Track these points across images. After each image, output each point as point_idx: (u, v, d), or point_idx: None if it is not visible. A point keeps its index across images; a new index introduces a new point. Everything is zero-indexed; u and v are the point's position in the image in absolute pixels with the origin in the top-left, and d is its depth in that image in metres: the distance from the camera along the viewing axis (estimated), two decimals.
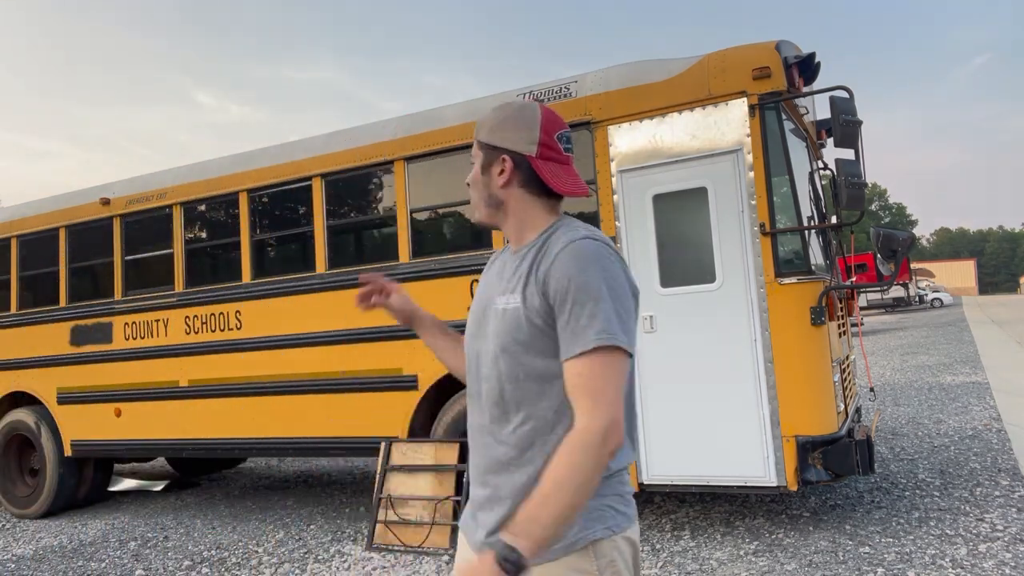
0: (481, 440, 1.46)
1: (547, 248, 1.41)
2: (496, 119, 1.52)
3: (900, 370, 12.13)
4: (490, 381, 1.43)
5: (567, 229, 1.42)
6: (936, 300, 45.62)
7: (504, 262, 1.53)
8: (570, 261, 1.34)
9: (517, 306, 1.39)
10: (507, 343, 1.39)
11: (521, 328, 1.37)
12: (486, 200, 1.52)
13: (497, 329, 1.42)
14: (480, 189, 1.53)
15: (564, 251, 1.35)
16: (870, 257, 18.71)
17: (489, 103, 5.11)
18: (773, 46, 4.32)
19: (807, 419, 4.12)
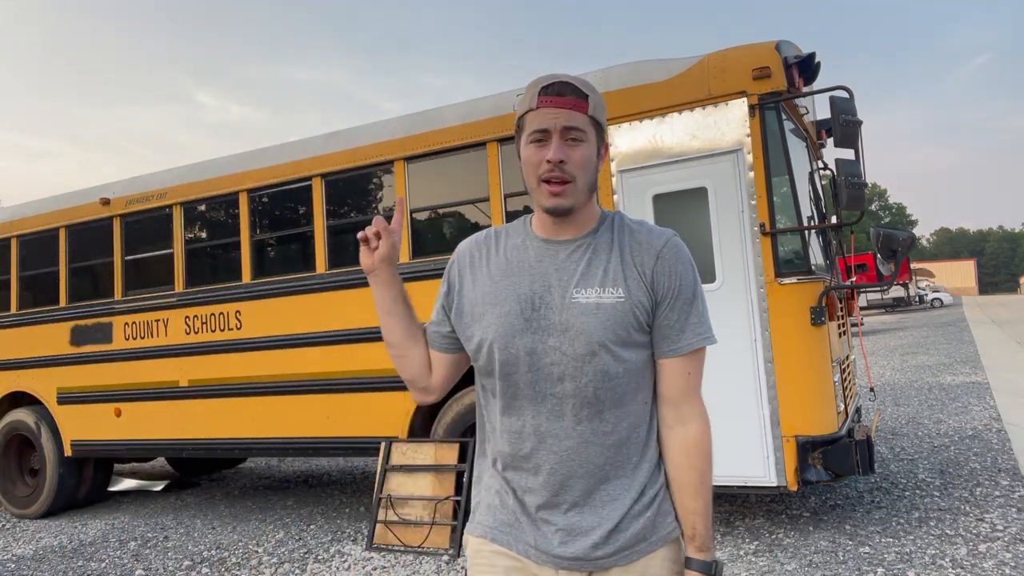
0: (559, 445, 1.34)
1: (634, 240, 1.38)
2: (597, 96, 1.39)
3: (900, 370, 12.13)
4: (577, 380, 1.32)
5: (634, 220, 1.44)
6: (936, 300, 45.62)
7: (550, 249, 1.39)
8: (676, 258, 1.38)
9: (620, 300, 1.33)
10: (607, 338, 1.32)
11: (624, 323, 1.33)
12: (591, 185, 1.38)
13: (590, 324, 1.31)
14: (590, 173, 1.36)
15: (668, 248, 1.38)
16: (870, 257, 18.71)
17: (489, 103, 5.11)
18: (773, 46, 4.32)
19: (807, 419, 4.12)
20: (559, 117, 1.31)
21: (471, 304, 1.42)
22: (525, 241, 1.43)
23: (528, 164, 1.35)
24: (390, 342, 1.50)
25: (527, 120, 1.37)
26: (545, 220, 1.40)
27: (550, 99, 1.33)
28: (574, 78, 1.36)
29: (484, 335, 1.37)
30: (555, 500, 1.35)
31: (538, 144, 1.33)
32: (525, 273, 1.38)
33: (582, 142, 1.33)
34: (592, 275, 1.35)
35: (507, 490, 1.41)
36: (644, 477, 1.38)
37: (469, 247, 1.48)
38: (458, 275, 1.47)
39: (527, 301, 1.35)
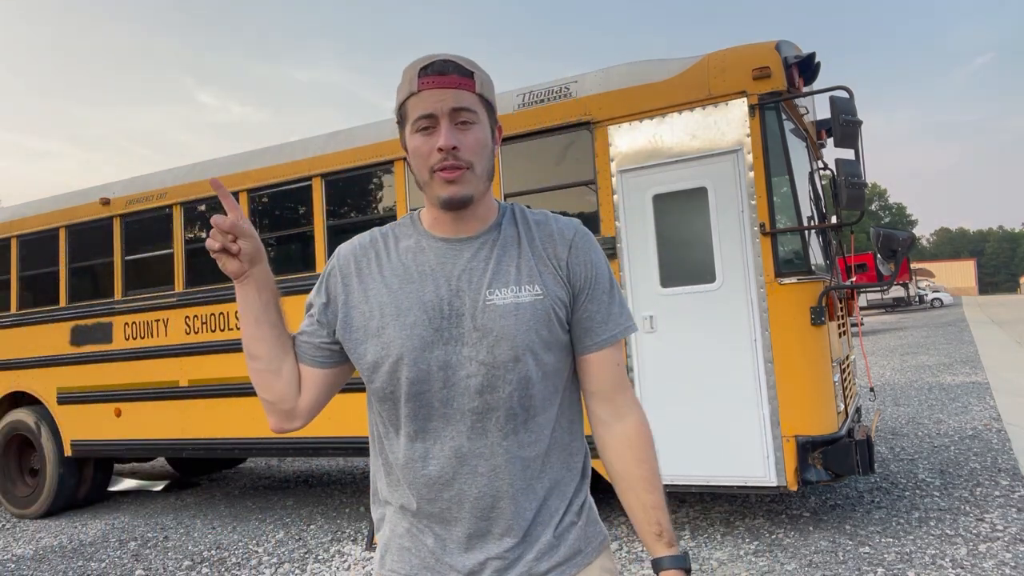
0: (485, 465, 1.21)
1: (542, 232, 1.28)
2: (483, 72, 1.25)
3: (900, 370, 12.13)
4: (499, 390, 1.20)
5: (532, 210, 1.34)
6: (936, 300, 45.63)
7: (452, 250, 1.25)
8: (589, 247, 1.30)
9: (539, 297, 1.22)
10: (531, 341, 1.21)
11: (546, 322, 1.22)
12: (488, 173, 1.25)
13: (511, 327, 1.20)
14: (486, 158, 1.23)
15: (580, 237, 1.30)
16: (870, 257, 18.70)
17: None
18: (773, 46, 4.32)
19: (807, 419, 4.12)
20: (445, 99, 1.17)
21: (363, 317, 1.24)
22: (420, 242, 1.27)
23: (417, 156, 1.20)
24: (256, 354, 1.29)
25: (409, 107, 1.21)
26: (441, 217, 1.26)
27: (432, 79, 1.18)
28: (455, 55, 1.22)
29: (385, 352, 1.21)
30: (485, 528, 1.22)
31: (425, 132, 1.19)
32: (428, 278, 1.23)
33: (474, 124, 1.20)
34: (504, 273, 1.23)
35: (421, 528, 1.26)
36: (572, 486, 1.30)
37: (353, 253, 1.30)
38: (342, 285, 1.28)
39: (435, 309, 1.21)
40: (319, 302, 1.30)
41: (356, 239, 1.33)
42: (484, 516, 1.22)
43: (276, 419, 1.33)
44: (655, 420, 4.73)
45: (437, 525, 1.24)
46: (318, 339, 1.30)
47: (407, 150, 1.23)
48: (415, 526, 1.27)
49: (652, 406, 4.48)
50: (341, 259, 1.31)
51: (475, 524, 1.22)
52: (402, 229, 1.31)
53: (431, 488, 1.23)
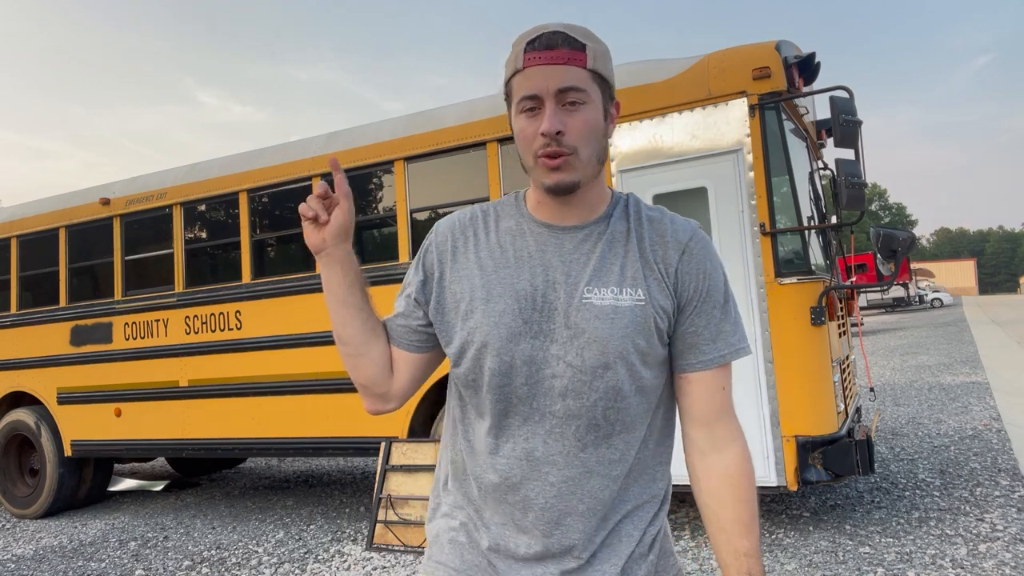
0: (557, 475, 1.12)
1: (654, 231, 1.17)
2: (599, 43, 1.12)
3: (900, 370, 12.13)
4: (584, 397, 1.10)
5: (650, 206, 1.23)
6: (936, 300, 45.64)
7: (554, 237, 1.15)
8: (705, 255, 1.17)
9: (641, 304, 1.11)
10: (626, 349, 1.09)
11: (644, 331, 1.11)
12: (599, 157, 1.13)
13: (605, 330, 1.09)
14: (596, 141, 1.11)
15: (696, 242, 1.18)
16: (870, 257, 18.70)
17: (489, 103, 5.11)
18: (773, 46, 4.32)
19: (807, 419, 4.12)
20: (551, 77, 1.06)
21: (455, 298, 1.17)
22: (521, 225, 1.18)
23: (521, 139, 1.11)
24: (345, 339, 1.22)
25: (514, 85, 1.10)
26: (545, 200, 1.16)
27: (538, 55, 1.07)
28: (567, 26, 1.10)
29: (471, 337, 1.13)
30: (546, 543, 1.13)
31: (530, 114, 1.09)
32: (524, 264, 1.14)
33: (583, 104, 1.08)
34: (607, 272, 1.12)
35: (479, 526, 1.18)
36: (650, 514, 1.18)
37: (451, 229, 1.22)
38: (437, 262, 1.20)
39: (527, 299, 1.11)
40: (416, 280, 1.22)
41: (456, 214, 1.24)
42: (548, 531, 1.12)
43: (370, 401, 1.27)
44: None
45: (496, 528, 1.16)
46: (415, 321, 1.22)
47: (513, 131, 1.13)
48: (473, 522, 1.19)
49: None
50: (439, 235, 1.22)
51: (537, 537, 1.13)
52: (505, 208, 1.22)
53: (497, 488, 1.14)
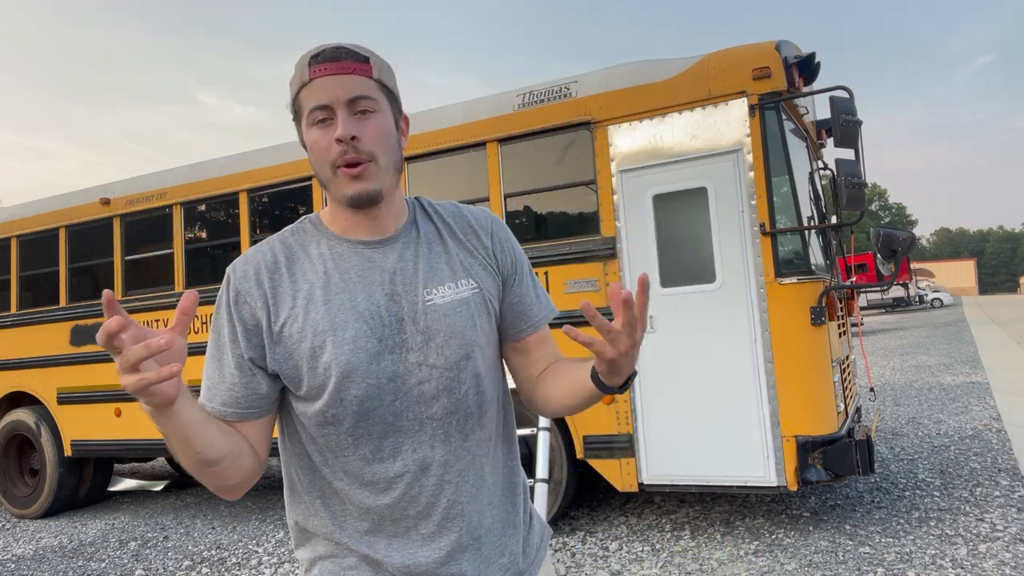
0: (451, 471, 1.15)
1: (457, 221, 1.24)
2: (380, 58, 1.16)
3: (900, 370, 12.13)
4: (455, 391, 1.14)
5: (437, 201, 1.28)
6: (936, 300, 45.64)
7: (374, 254, 1.16)
8: (506, 232, 1.27)
9: (476, 290, 1.18)
10: (477, 336, 1.16)
11: (486, 315, 1.19)
12: (396, 165, 1.16)
13: (457, 324, 1.14)
14: (392, 149, 1.14)
15: (496, 223, 1.27)
16: (870, 257, 18.70)
17: (489, 103, 5.11)
18: (773, 46, 4.32)
19: (807, 419, 4.12)
20: (340, 87, 1.08)
21: (292, 341, 1.10)
22: (335, 248, 1.16)
23: (316, 151, 1.10)
24: (215, 460, 1.04)
25: (302, 99, 1.11)
26: (352, 218, 1.16)
27: (324, 67, 1.09)
28: (349, 43, 1.14)
29: (326, 374, 1.09)
30: (457, 539, 1.15)
31: (322, 125, 1.10)
32: (357, 285, 1.13)
33: (374, 112, 1.11)
34: (437, 271, 1.17)
35: (381, 558, 1.14)
36: (521, 482, 1.28)
37: (255, 272, 1.14)
38: (253, 311, 1.12)
39: (374, 317, 1.11)
40: (234, 335, 1.11)
41: (250, 254, 1.17)
42: (455, 526, 1.15)
43: (238, 491, 1.13)
44: (655, 420, 4.71)
45: (401, 551, 1.14)
46: (260, 385, 1.12)
47: (306, 147, 1.14)
48: (371, 558, 1.15)
49: (652, 406, 4.48)
50: (240, 283, 1.14)
51: (445, 537, 1.15)
52: (304, 237, 1.19)
53: (395, 508, 1.13)
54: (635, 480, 4.48)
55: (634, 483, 4.49)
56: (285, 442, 1.21)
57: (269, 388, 1.13)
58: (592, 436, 4.61)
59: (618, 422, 4.54)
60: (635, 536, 4.59)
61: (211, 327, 1.16)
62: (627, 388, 1.10)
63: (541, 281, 5.23)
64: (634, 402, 4.51)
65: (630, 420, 4.50)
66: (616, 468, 4.54)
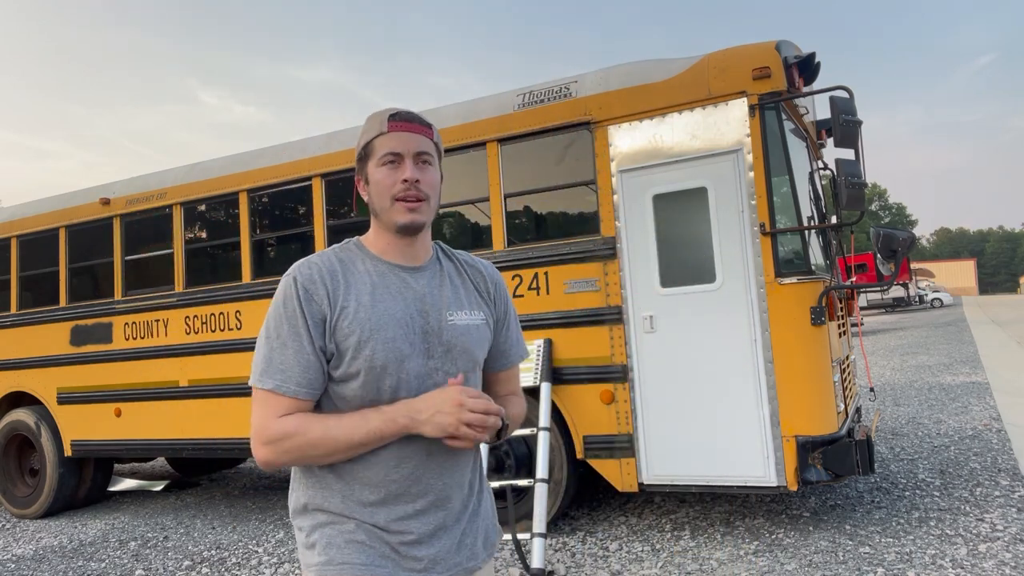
0: (437, 462, 1.40)
1: (469, 266, 1.54)
2: (435, 128, 1.48)
3: (900, 370, 12.13)
4: None
5: (452, 249, 1.58)
6: (936, 300, 45.64)
7: (412, 276, 1.43)
8: (502, 284, 1.59)
9: (484, 322, 1.49)
10: (478, 356, 1.47)
11: (487, 341, 1.50)
12: (437, 207, 1.47)
13: (469, 343, 1.43)
14: (437, 196, 1.45)
15: (496, 274, 1.58)
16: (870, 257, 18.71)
17: (490, 103, 5.11)
18: (773, 46, 4.32)
19: (807, 419, 4.12)
20: (411, 142, 1.39)
21: (343, 334, 1.34)
22: (380, 267, 1.42)
23: (381, 185, 1.39)
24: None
25: (376, 144, 1.40)
26: (394, 243, 1.43)
27: (401, 124, 1.40)
28: (415, 111, 1.46)
29: (369, 364, 1.33)
30: (443, 517, 1.40)
31: (391, 166, 1.39)
32: (397, 298, 1.39)
33: (431, 165, 1.42)
34: (458, 299, 1.46)
35: (376, 528, 1.37)
36: (479, 466, 1.54)
37: (319, 272, 1.37)
38: (318, 307, 1.34)
39: (408, 326, 1.37)
40: (310, 326, 1.34)
41: (311, 262, 1.39)
42: (442, 505, 1.41)
43: None
44: (655, 420, 4.72)
45: (396, 524, 1.37)
46: (325, 368, 1.37)
47: (368, 181, 1.42)
48: (367, 525, 1.36)
49: (652, 406, 4.48)
50: (311, 281, 1.36)
51: (434, 515, 1.40)
52: (350, 254, 1.43)
53: (400, 484, 1.37)
54: (635, 480, 4.48)
55: (634, 483, 4.49)
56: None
57: (327, 373, 1.37)
58: (592, 436, 4.61)
59: (618, 422, 4.54)
60: (635, 536, 4.59)
61: (276, 318, 1.35)
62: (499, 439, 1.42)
63: (541, 281, 5.22)
64: (634, 402, 4.51)
65: (630, 420, 4.50)
66: (616, 468, 4.54)
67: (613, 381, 4.55)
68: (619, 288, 4.58)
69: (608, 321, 4.58)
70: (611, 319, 4.58)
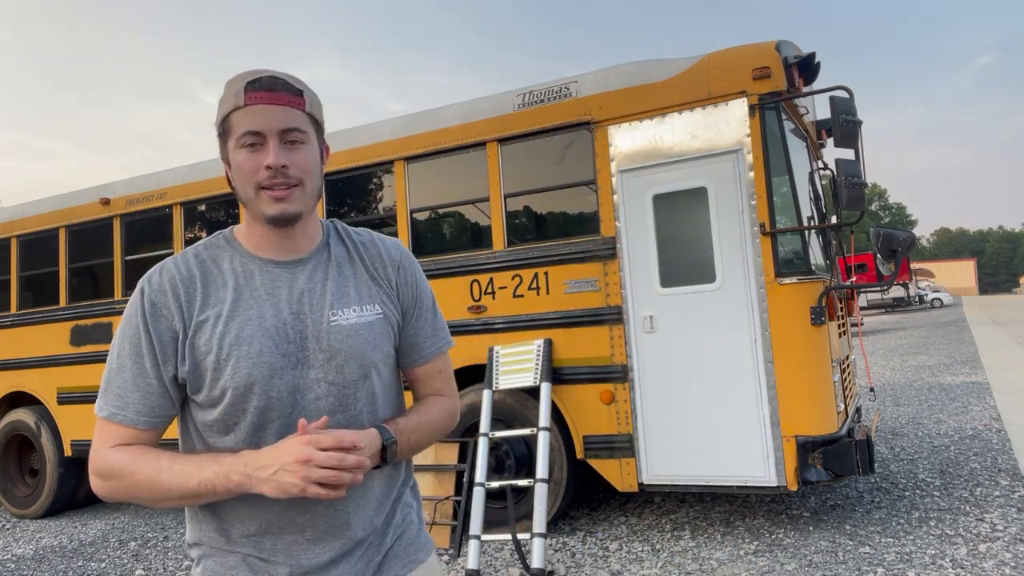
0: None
1: (368, 252, 1.31)
2: (312, 92, 1.23)
3: (900, 370, 12.13)
4: (350, 408, 1.22)
5: (352, 228, 1.36)
6: (936, 300, 45.61)
7: (285, 273, 1.22)
8: (413, 267, 1.36)
9: (380, 316, 1.26)
10: (376, 358, 1.24)
11: (386, 338, 1.27)
12: (317, 192, 1.23)
13: (359, 345, 1.21)
14: (316, 178, 1.21)
15: (405, 258, 1.35)
16: (870, 257, 18.69)
17: (490, 103, 5.11)
18: (773, 46, 4.32)
19: (807, 419, 4.12)
20: (273, 116, 1.15)
21: (200, 352, 1.16)
22: (247, 265, 1.22)
23: (241, 172, 1.16)
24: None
25: (233, 121, 1.16)
26: (268, 235, 1.22)
27: (260, 95, 1.15)
28: (283, 73, 1.20)
29: (231, 383, 1.14)
30: (341, 545, 1.22)
31: (251, 149, 1.15)
32: (265, 303, 1.19)
33: (303, 143, 1.18)
34: (344, 294, 1.24)
35: (252, 561, 1.20)
36: (399, 489, 1.34)
37: (170, 284, 1.18)
38: (167, 324, 1.16)
39: (279, 334, 1.17)
40: (155, 348, 1.16)
41: (167, 265, 1.21)
42: (340, 532, 1.21)
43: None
44: (655, 420, 4.70)
45: (285, 551, 1.20)
46: (175, 395, 1.19)
47: (229, 164, 1.20)
48: (252, 558, 1.20)
49: (652, 406, 4.48)
50: (160, 294, 1.18)
51: (330, 543, 1.21)
52: (217, 252, 1.23)
53: (283, 516, 1.18)
54: (635, 480, 4.48)
55: (634, 483, 4.49)
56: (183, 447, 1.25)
57: (178, 399, 1.20)
58: (592, 436, 4.61)
59: (618, 422, 4.54)
60: (635, 536, 4.59)
61: (119, 336, 1.19)
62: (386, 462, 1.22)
63: (541, 281, 5.20)
64: (634, 402, 4.51)
65: (630, 420, 4.50)
66: (616, 468, 4.54)
67: (613, 381, 4.55)
68: (619, 288, 4.58)
69: (608, 321, 4.58)
70: (611, 319, 4.58)
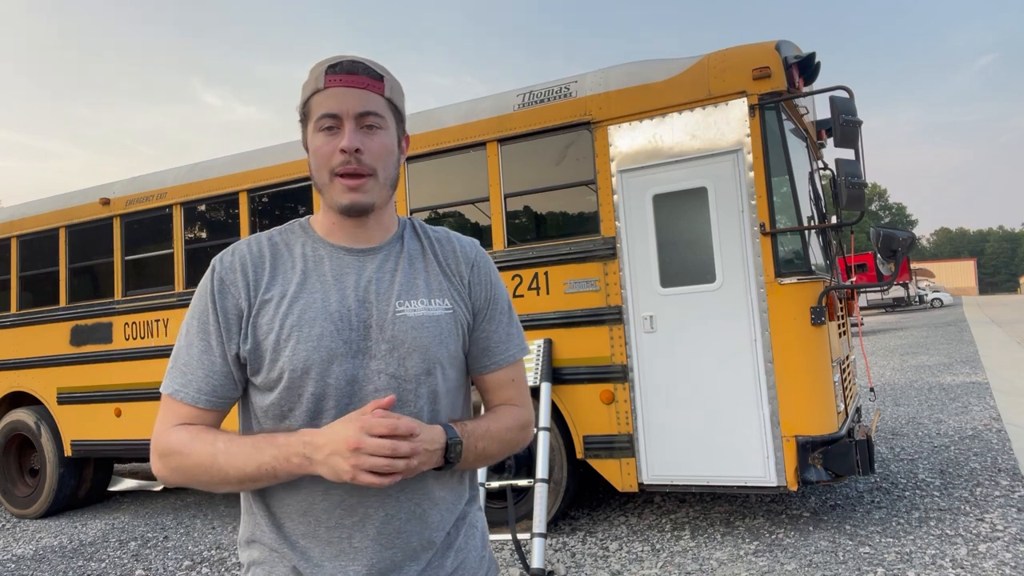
0: (391, 487, 1.11)
1: (443, 248, 1.26)
2: (393, 78, 1.20)
3: (900, 370, 12.13)
4: (410, 405, 1.15)
5: (430, 226, 1.31)
6: (936, 300, 45.63)
7: (355, 261, 1.19)
8: (489, 267, 1.29)
9: (449, 312, 1.20)
10: (441, 355, 1.17)
11: (454, 336, 1.20)
12: (392, 182, 1.20)
13: (424, 338, 1.15)
14: (391, 166, 1.17)
15: (480, 257, 1.29)
16: (870, 257, 18.71)
17: (489, 103, 5.11)
18: (773, 46, 4.32)
19: (807, 419, 4.12)
20: (351, 99, 1.12)
21: (262, 331, 1.13)
22: (318, 251, 1.19)
23: (318, 156, 1.14)
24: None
25: (313, 104, 1.14)
26: (341, 224, 1.19)
27: (339, 78, 1.13)
28: (365, 58, 1.17)
29: (288, 366, 1.11)
30: (390, 557, 1.14)
31: (328, 132, 1.13)
32: (331, 288, 1.15)
33: (380, 128, 1.15)
34: (413, 286, 1.19)
35: (310, 568, 1.13)
36: (463, 506, 1.26)
37: (240, 263, 1.17)
38: (234, 302, 1.14)
39: (343, 320, 1.13)
40: (221, 326, 1.14)
41: (241, 245, 1.20)
42: (390, 543, 1.13)
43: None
44: (655, 420, 4.70)
45: (331, 563, 1.12)
46: (239, 375, 1.16)
47: (307, 149, 1.18)
48: (305, 563, 1.13)
49: (652, 406, 4.48)
50: (230, 271, 1.16)
51: (379, 553, 1.13)
52: (290, 236, 1.22)
53: (331, 515, 1.12)
54: (635, 480, 4.48)
55: (634, 483, 4.49)
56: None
57: (240, 381, 1.16)
58: (592, 436, 4.61)
59: (618, 422, 4.54)
60: (635, 536, 4.59)
61: (190, 312, 1.17)
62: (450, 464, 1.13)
63: (541, 281, 5.20)
64: (634, 402, 4.51)
65: (630, 420, 4.50)
66: (616, 468, 4.54)
67: (613, 381, 4.56)
68: (619, 288, 4.58)
69: (608, 321, 4.58)
70: (611, 319, 4.58)
